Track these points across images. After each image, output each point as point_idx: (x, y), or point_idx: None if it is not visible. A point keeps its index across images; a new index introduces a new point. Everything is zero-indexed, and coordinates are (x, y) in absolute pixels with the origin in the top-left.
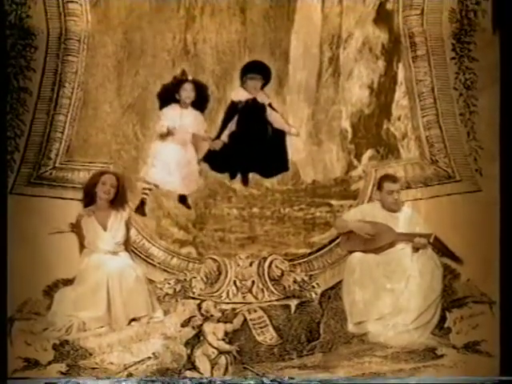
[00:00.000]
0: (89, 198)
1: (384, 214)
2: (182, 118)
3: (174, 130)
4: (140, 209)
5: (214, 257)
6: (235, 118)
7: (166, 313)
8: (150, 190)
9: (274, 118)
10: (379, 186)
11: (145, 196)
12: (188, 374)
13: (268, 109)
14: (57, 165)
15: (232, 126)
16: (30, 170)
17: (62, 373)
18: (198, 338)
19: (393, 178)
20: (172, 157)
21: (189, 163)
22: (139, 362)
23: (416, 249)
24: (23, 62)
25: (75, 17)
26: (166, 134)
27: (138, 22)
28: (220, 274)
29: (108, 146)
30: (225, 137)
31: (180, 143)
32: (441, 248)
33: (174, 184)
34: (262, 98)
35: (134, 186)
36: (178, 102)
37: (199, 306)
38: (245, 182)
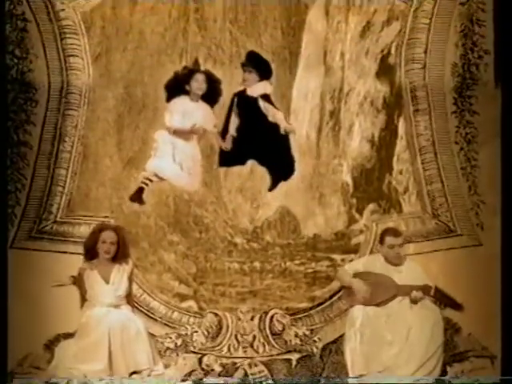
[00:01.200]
0: (90, 253)
1: (386, 267)
2: (191, 111)
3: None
4: (136, 195)
5: (215, 311)
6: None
7: (166, 366)
8: (150, 180)
9: (268, 111)
10: (381, 239)
11: (143, 185)
12: None
13: (261, 101)
14: (58, 219)
15: (236, 119)
16: (30, 224)
17: None
18: None
19: (395, 232)
20: (178, 151)
21: (193, 158)
22: None
23: (414, 301)
24: (24, 116)
25: (77, 71)
26: (174, 132)
27: (139, 75)
28: (221, 328)
29: (109, 199)
30: (232, 131)
31: (186, 138)
32: (442, 298)
33: (178, 178)
34: (253, 90)
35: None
36: (187, 93)
37: (200, 360)
38: None
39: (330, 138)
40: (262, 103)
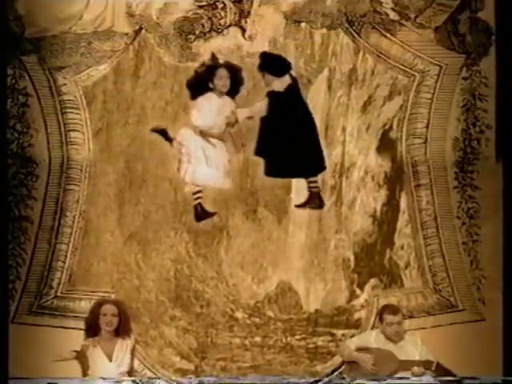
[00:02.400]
0: (92, 330)
1: (386, 343)
2: (219, 108)
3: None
4: (201, 214)
5: None
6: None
7: None
8: (200, 192)
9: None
10: (380, 317)
11: (199, 201)
12: None
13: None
14: (58, 294)
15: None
16: (31, 299)
17: None
18: None
19: (393, 310)
20: (209, 152)
21: (223, 157)
22: None
23: (416, 376)
24: (24, 190)
25: (77, 145)
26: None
27: (140, 150)
28: None
29: (110, 274)
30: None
31: (214, 137)
32: (444, 374)
33: (215, 181)
34: (276, 86)
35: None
36: (210, 89)
37: None
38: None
39: (331, 212)
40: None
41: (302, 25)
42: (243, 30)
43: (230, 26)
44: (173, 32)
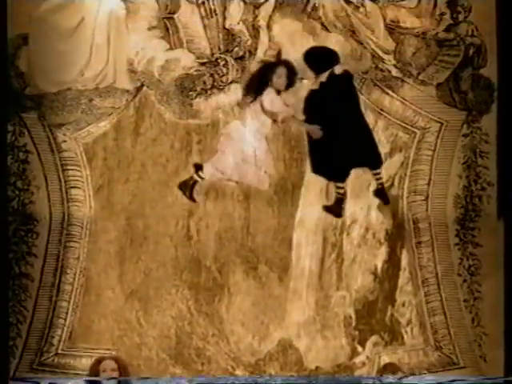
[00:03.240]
0: None
1: None
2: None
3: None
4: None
5: None
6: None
7: None
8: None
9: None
10: (380, 376)
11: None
12: None
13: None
14: (59, 351)
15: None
16: (32, 356)
17: None
18: None
19: (393, 369)
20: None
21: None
22: None
23: None
24: (25, 247)
25: (78, 202)
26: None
27: (141, 207)
28: None
29: (111, 332)
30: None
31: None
32: None
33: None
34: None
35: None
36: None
37: None
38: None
39: (332, 270)
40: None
41: (304, 81)
42: None
43: (231, 82)
44: (174, 89)
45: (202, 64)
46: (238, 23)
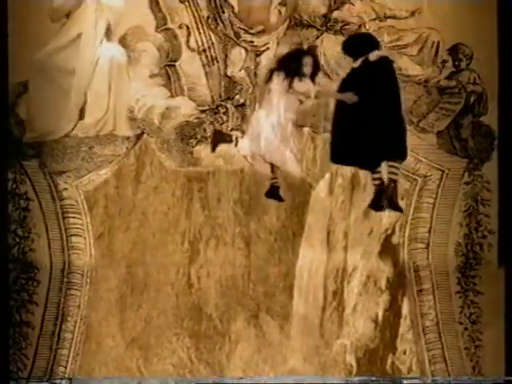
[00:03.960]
0: None
1: None
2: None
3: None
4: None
5: None
6: None
7: None
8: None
9: None
10: None
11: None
12: None
13: None
14: None
15: None
16: None
17: None
18: None
19: None
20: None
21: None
22: None
23: None
24: (26, 295)
25: (79, 250)
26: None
27: (141, 256)
28: None
29: (111, 380)
30: None
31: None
32: None
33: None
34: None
35: None
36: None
37: None
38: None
39: (333, 318)
40: None
41: (305, 129)
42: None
43: (231, 130)
44: (174, 136)
45: (203, 112)
46: (240, 71)
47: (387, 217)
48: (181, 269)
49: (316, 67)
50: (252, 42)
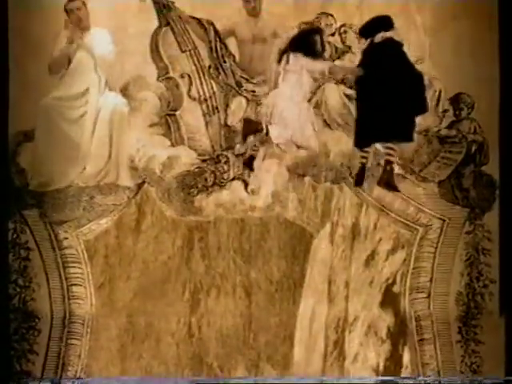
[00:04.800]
0: None
1: None
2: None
3: None
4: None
5: None
6: None
7: None
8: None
9: None
10: None
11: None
12: None
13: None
14: None
15: None
16: None
17: None
18: None
19: None
20: None
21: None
22: None
23: None
24: (26, 345)
25: (79, 300)
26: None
27: (142, 305)
28: None
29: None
30: None
31: None
32: None
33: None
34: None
35: None
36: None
37: None
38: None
39: (334, 367)
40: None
41: (306, 179)
42: (246, 184)
43: (233, 179)
44: (175, 186)
45: (204, 161)
46: (240, 120)
47: (388, 266)
48: (182, 318)
49: (323, 45)
50: (253, 91)
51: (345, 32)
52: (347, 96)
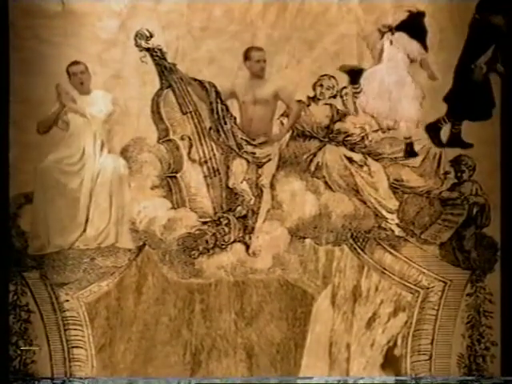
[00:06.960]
0: None
1: None
2: None
3: None
4: None
5: None
6: None
7: None
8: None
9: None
10: None
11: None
12: None
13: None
14: None
15: None
16: None
17: None
18: None
19: None
20: None
21: None
22: None
23: None
24: None
25: (80, 362)
26: None
27: (143, 367)
28: None
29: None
30: None
31: None
32: None
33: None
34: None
35: None
36: None
37: None
38: None
39: None
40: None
41: (307, 241)
42: (247, 246)
43: (234, 241)
44: (176, 248)
45: (205, 223)
46: (241, 182)
47: (389, 328)
48: (182, 380)
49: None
50: (254, 153)
51: (346, 94)
52: (348, 158)
